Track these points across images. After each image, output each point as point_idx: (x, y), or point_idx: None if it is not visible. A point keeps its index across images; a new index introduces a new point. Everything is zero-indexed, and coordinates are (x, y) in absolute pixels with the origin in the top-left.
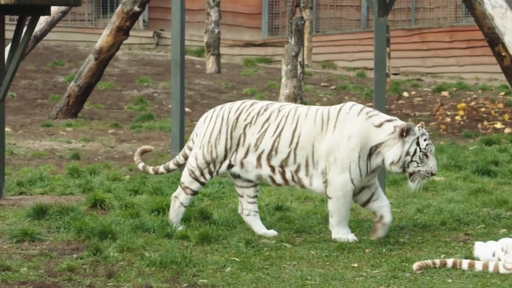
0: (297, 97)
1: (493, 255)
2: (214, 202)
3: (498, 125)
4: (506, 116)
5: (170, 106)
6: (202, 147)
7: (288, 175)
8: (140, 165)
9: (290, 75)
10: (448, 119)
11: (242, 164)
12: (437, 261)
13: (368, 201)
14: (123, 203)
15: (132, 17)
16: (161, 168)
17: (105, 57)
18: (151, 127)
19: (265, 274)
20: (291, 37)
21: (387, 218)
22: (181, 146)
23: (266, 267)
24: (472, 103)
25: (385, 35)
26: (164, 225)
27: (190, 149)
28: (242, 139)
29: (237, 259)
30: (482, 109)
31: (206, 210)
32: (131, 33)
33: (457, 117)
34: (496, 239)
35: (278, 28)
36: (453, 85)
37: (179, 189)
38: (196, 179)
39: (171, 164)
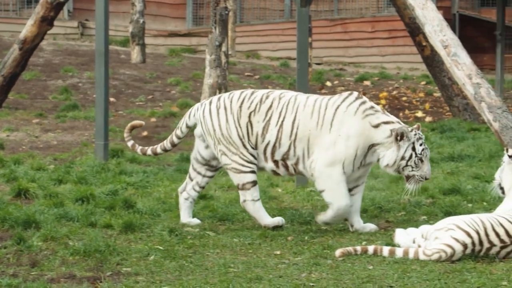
0: (221, 87)
1: (414, 242)
2: (138, 191)
3: (419, 114)
4: (427, 105)
5: (94, 96)
6: (220, 141)
7: (291, 169)
8: (130, 143)
9: (214, 65)
10: None
11: (257, 155)
12: (359, 248)
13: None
14: (47, 192)
15: (56, 7)
16: (148, 150)
17: (29, 47)
18: (76, 117)
19: (189, 262)
20: (215, 27)
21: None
22: (106, 136)
23: (190, 255)
24: (394, 92)
25: (307, 25)
26: (88, 214)
27: (178, 138)
28: (249, 128)
29: (160, 248)
30: (404, 98)
31: (130, 199)
32: (55, 23)
33: (379, 106)
34: (417, 226)
35: (203, 18)
36: (375, 75)
37: (240, 193)
38: (241, 171)
39: (159, 149)
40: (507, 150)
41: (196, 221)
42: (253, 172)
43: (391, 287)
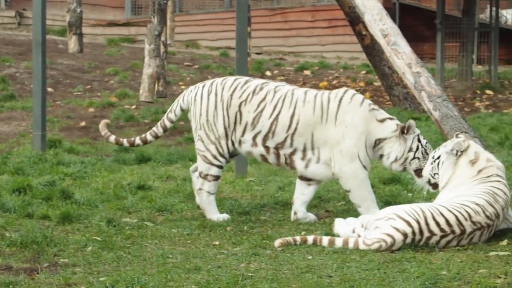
0: (160, 77)
1: (353, 232)
2: (76, 181)
3: None
4: (367, 95)
5: (32, 86)
6: (203, 127)
7: (282, 158)
8: (112, 138)
9: (153, 55)
10: None
11: (240, 142)
12: (298, 238)
13: (304, 179)
14: None
15: None
16: (137, 140)
17: None
18: (13, 107)
19: (127, 253)
20: (154, 17)
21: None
22: (43, 126)
23: (128, 246)
24: (334, 82)
25: (246, 14)
26: (25, 205)
27: (171, 121)
28: (238, 117)
29: (98, 238)
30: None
31: (67, 190)
32: None
33: None
34: (356, 216)
35: (141, 8)
36: (315, 64)
37: (200, 180)
38: (211, 163)
39: (149, 136)
40: (456, 136)
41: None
42: (220, 167)
43: (330, 277)
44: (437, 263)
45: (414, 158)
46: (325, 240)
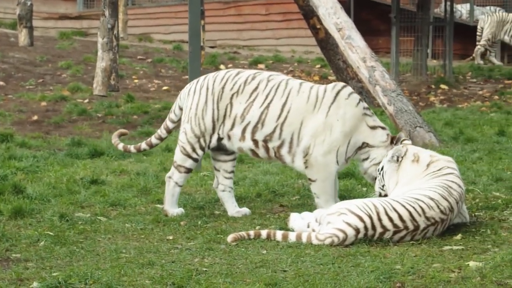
0: (113, 70)
1: (308, 226)
2: (28, 176)
3: None
4: None
5: None
6: (190, 120)
7: (271, 152)
8: (120, 146)
9: (106, 48)
10: None
11: (229, 137)
12: (252, 232)
13: None
14: None
15: None
16: (143, 145)
17: None
18: None
19: (80, 248)
20: (106, 10)
21: None
22: None
23: (81, 241)
24: (289, 76)
25: (199, 8)
26: None
27: (173, 122)
28: (228, 109)
29: (51, 233)
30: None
31: (19, 184)
32: None
33: None
34: (311, 210)
35: (93, 1)
36: (270, 58)
37: (172, 168)
38: (188, 155)
39: (154, 139)
40: (399, 141)
41: (245, 210)
42: (196, 160)
43: (285, 271)
44: (391, 257)
45: None
46: (279, 234)
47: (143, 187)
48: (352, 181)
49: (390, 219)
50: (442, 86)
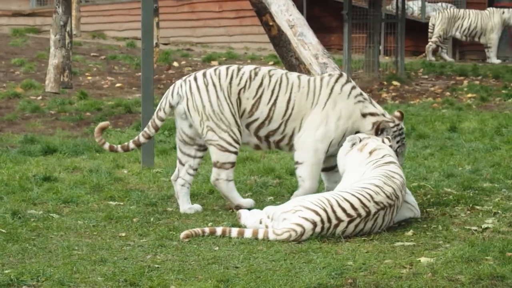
0: (66, 67)
1: (260, 223)
2: None
3: None
4: None
5: None
6: (210, 118)
7: (272, 145)
8: (106, 146)
9: (59, 45)
10: None
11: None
12: (207, 229)
13: (329, 169)
14: None
15: None
16: (131, 144)
17: None
18: None
19: (32, 245)
20: (59, 7)
21: None
22: None
23: (33, 238)
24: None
25: (153, 5)
26: None
27: (161, 120)
28: (238, 104)
29: (3, 230)
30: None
31: None
32: None
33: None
34: (263, 207)
35: None
36: (223, 55)
37: (215, 170)
38: (227, 150)
39: (141, 138)
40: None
41: (197, 206)
42: (236, 153)
43: (237, 268)
44: (343, 253)
45: None
46: (234, 231)
47: (96, 184)
48: None
49: (343, 210)
50: (394, 82)
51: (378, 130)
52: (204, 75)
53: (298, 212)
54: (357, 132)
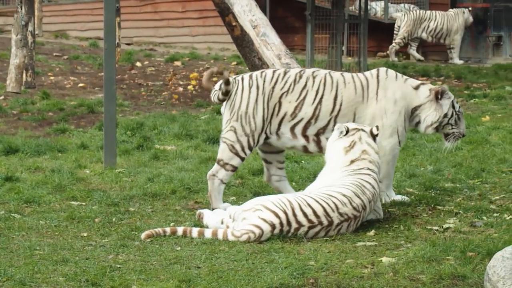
0: (28, 67)
1: (222, 223)
2: None
3: None
4: None
5: None
6: (240, 118)
7: (324, 143)
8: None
9: (20, 45)
10: (181, 89)
11: (278, 136)
12: (168, 229)
13: None
14: None
15: None
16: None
17: None
18: None
19: None
20: (21, 7)
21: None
22: None
23: None
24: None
25: (115, 5)
26: None
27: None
28: (276, 108)
29: None
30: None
31: None
32: None
33: (190, 87)
34: (225, 207)
35: None
36: (186, 55)
37: (216, 166)
38: (237, 154)
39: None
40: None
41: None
42: (243, 159)
43: (199, 268)
44: (305, 253)
45: (447, 123)
46: (195, 231)
47: (58, 184)
48: None
49: (305, 215)
50: None
51: (438, 94)
52: (251, 76)
53: (258, 212)
54: (415, 107)
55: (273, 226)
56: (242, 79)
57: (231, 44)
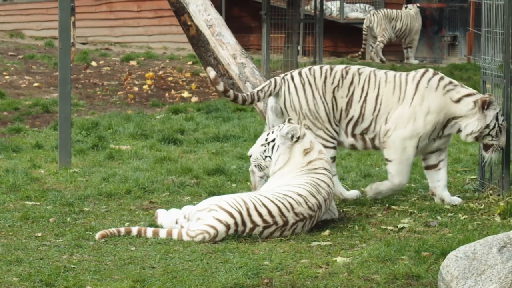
0: None
1: (176, 223)
2: None
3: (185, 94)
4: (193, 85)
5: None
6: (306, 116)
7: (368, 143)
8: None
9: None
10: (136, 88)
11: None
12: (122, 229)
13: (430, 167)
14: None
15: None
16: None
17: None
18: None
19: None
20: None
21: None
22: None
23: None
24: (160, 73)
25: (69, 4)
26: None
27: (258, 99)
28: (334, 103)
29: None
30: (170, 78)
31: None
32: None
33: (145, 86)
34: (180, 207)
35: None
36: (142, 55)
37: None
38: (326, 146)
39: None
40: (289, 121)
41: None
42: (334, 148)
43: (153, 268)
44: (260, 253)
45: (488, 134)
46: (149, 231)
47: (12, 184)
48: (222, 177)
49: (260, 215)
50: None
51: (485, 104)
52: (300, 74)
53: (213, 212)
54: (454, 117)
55: (228, 226)
56: (292, 77)
57: (186, 44)
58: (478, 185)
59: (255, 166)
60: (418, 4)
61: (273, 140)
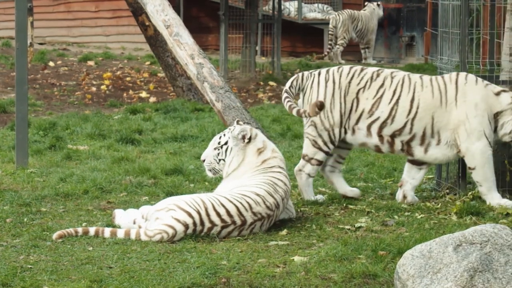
0: None
1: (134, 223)
2: None
3: (143, 94)
4: (151, 86)
5: None
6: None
7: (398, 145)
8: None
9: None
10: (94, 89)
11: (353, 131)
12: (80, 229)
13: (415, 163)
14: None
15: None
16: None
17: None
18: None
19: None
20: None
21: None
22: None
23: None
24: (118, 73)
25: (26, 4)
26: None
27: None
28: (355, 104)
29: None
30: (128, 79)
31: None
32: None
33: (103, 87)
34: (138, 207)
35: None
36: (99, 55)
37: (302, 161)
38: (320, 148)
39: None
40: (237, 122)
41: (355, 190)
42: (327, 153)
43: (111, 268)
44: (218, 253)
45: None
46: (107, 231)
47: None
48: (180, 177)
49: (218, 214)
50: (271, 83)
51: None
52: (328, 71)
53: (171, 211)
54: (497, 113)
55: (186, 226)
56: (319, 73)
57: (144, 44)
58: (435, 184)
59: (209, 170)
60: (379, 2)
61: (226, 143)
